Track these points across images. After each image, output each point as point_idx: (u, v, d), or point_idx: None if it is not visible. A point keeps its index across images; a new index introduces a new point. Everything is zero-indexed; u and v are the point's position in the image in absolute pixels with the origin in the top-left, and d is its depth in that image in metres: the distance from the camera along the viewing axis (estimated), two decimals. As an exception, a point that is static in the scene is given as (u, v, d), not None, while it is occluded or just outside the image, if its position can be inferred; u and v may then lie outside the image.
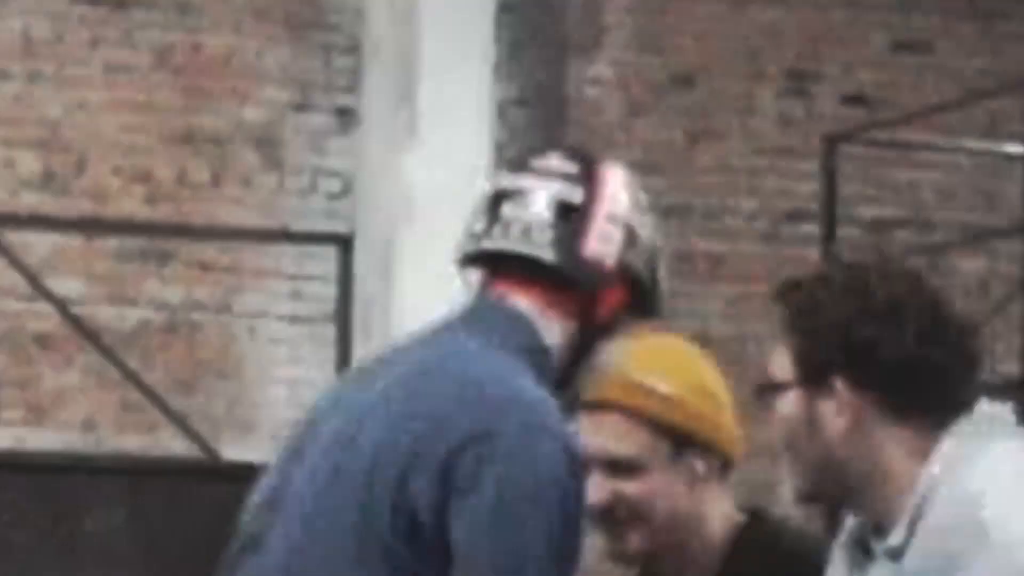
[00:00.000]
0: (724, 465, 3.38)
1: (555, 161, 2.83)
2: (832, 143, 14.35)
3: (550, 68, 15.86)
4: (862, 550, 2.86)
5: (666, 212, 14.37)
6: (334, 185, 15.63)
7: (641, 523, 3.18)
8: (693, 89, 16.17)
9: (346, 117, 15.81)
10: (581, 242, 2.64)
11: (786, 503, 4.47)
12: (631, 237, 2.73)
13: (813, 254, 14.28)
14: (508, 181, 2.77)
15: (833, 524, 3.93)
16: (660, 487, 3.20)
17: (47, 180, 15.02)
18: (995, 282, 14.32)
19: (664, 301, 2.87)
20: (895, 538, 2.65)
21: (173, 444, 13.87)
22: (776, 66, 16.17)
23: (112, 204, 14.98)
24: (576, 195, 2.63)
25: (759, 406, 2.76)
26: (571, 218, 2.75)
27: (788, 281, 2.82)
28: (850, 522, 2.96)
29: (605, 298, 2.70)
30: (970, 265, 14.58)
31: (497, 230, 2.72)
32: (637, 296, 2.79)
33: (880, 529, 2.73)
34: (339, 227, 15.06)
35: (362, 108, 15.58)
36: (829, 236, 14.08)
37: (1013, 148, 14.29)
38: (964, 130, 15.22)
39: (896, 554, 2.65)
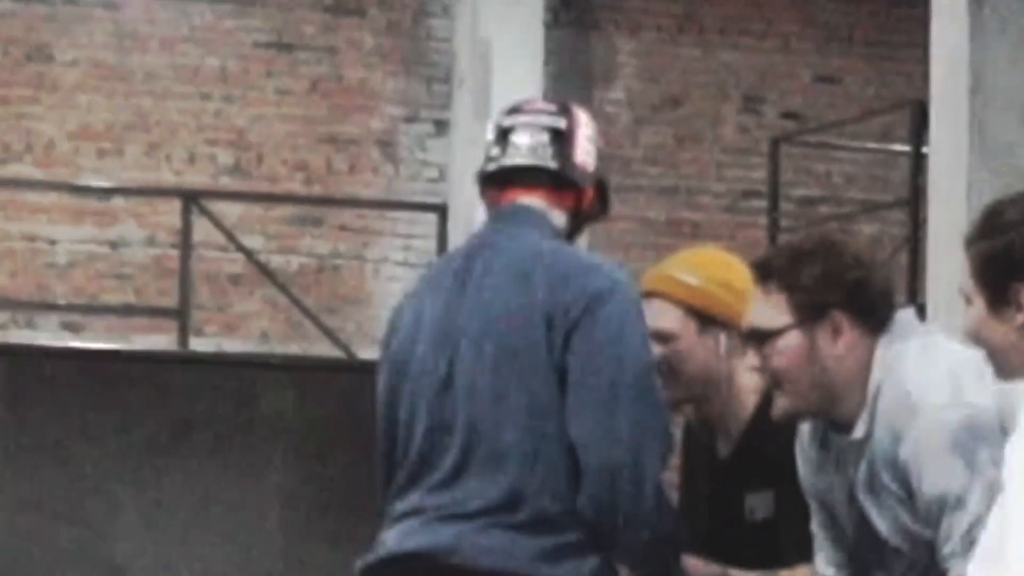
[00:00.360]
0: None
1: (539, 104, 4.06)
2: (776, 144, 17.95)
3: (581, 92, 18.92)
4: (820, 447, 3.94)
5: (660, 191, 19.42)
6: (433, 173, 19.08)
7: (675, 377, 4.36)
8: (679, 108, 19.99)
9: (441, 126, 19.19)
10: (572, 153, 3.64)
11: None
12: (597, 152, 3.85)
13: (762, 221, 18.34)
14: (510, 120, 3.78)
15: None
16: (688, 352, 4.42)
17: (237, 168, 18.51)
18: (886, 240, 17.79)
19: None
20: (859, 431, 3.64)
21: (323, 349, 17.26)
22: (736, 92, 19.99)
23: (282, 184, 18.63)
24: (560, 123, 3.65)
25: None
26: (561, 139, 3.75)
27: (771, 254, 4.09)
28: (805, 428, 4.07)
29: (587, 194, 3.76)
30: (868, 229, 18.37)
31: (511, 152, 3.74)
32: (601, 193, 3.88)
33: (844, 427, 3.76)
34: (437, 201, 18.79)
35: (452, 120, 19.19)
36: (773, 209, 17.69)
37: (898, 148, 17.71)
38: (865, 135, 18.86)
39: (861, 443, 3.66)
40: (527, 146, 3.78)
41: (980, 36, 13.51)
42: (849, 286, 3.74)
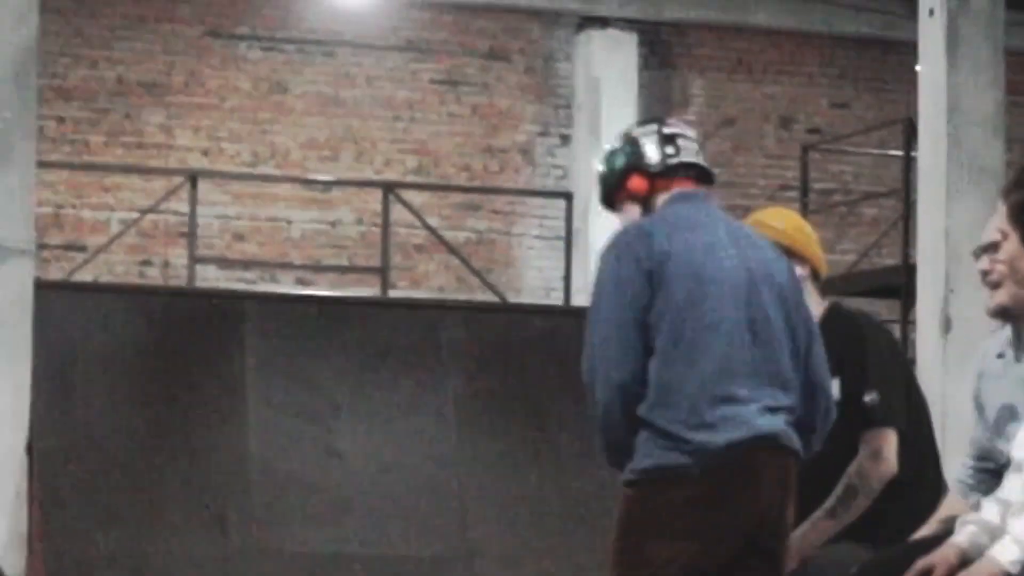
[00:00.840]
0: (815, 274, 6.00)
1: (681, 120, 5.84)
2: (804, 152, 21.89)
3: (663, 115, 21.20)
4: (1004, 360, 4.75)
5: (720, 186, 21.67)
6: (559, 172, 22.81)
7: None
8: (734, 126, 23.72)
9: (565, 139, 22.91)
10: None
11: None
12: None
13: (795, 206, 20.71)
14: (669, 129, 4.83)
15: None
16: None
17: (420, 169, 22.05)
18: (883, 220, 21.35)
19: None
20: None
21: (483, 296, 20.55)
22: (774, 114, 23.76)
23: (452, 180, 22.30)
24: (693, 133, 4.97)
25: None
26: (702, 146, 5.25)
27: (1011, 180, 4.79)
28: (991, 346, 4.99)
29: None
30: (870, 211, 22.27)
31: (687, 152, 4.80)
32: None
33: None
34: (564, 191, 22.31)
35: (573, 135, 22.99)
36: (804, 196, 21.45)
37: (893, 153, 21.03)
38: (868, 145, 22.67)
39: None
40: (694, 150, 4.90)
41: (954, 71, 16.00)
42: None
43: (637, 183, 5.17)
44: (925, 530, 5.37)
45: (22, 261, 14.47)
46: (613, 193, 5.38)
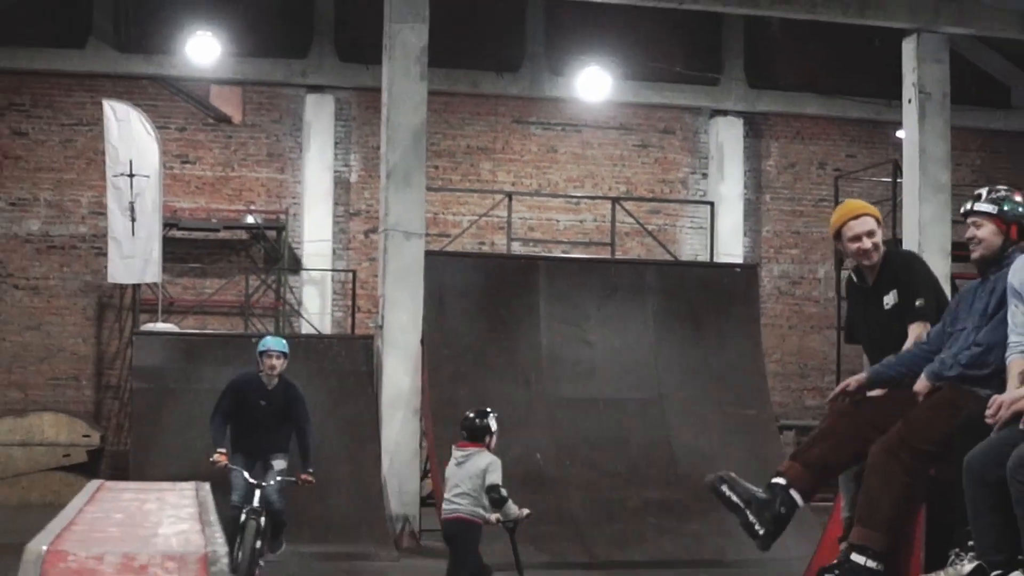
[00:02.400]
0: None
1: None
2: (836, 180, 25.37)
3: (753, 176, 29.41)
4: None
5: (784, 200, 27.30)
6: (702, 194, 26.89)
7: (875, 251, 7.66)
8: (795, 170, 27.26)
9: (705, 176, 27.11)
10: None
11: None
12: None
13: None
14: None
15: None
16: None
17: (627, 192, 25.81)
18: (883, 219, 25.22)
19: None
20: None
21: (664, 257, 23.52)
22: (816, 160, 27.80)
23: (646, 196, 26.24)
24: None
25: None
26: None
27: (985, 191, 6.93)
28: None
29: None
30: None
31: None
32: None
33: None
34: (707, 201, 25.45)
35: (710, 173, 26.99)
36: (835, 204, 26.12)
37: (886, 180, 24.51)
38: (870, 176, 26.02)
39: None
40: None
41: (922, 133, 20.25)
42: None
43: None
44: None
45: (418, 241, 18.76)
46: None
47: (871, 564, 6.89)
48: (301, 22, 24.88)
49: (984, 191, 7.17)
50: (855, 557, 6.93)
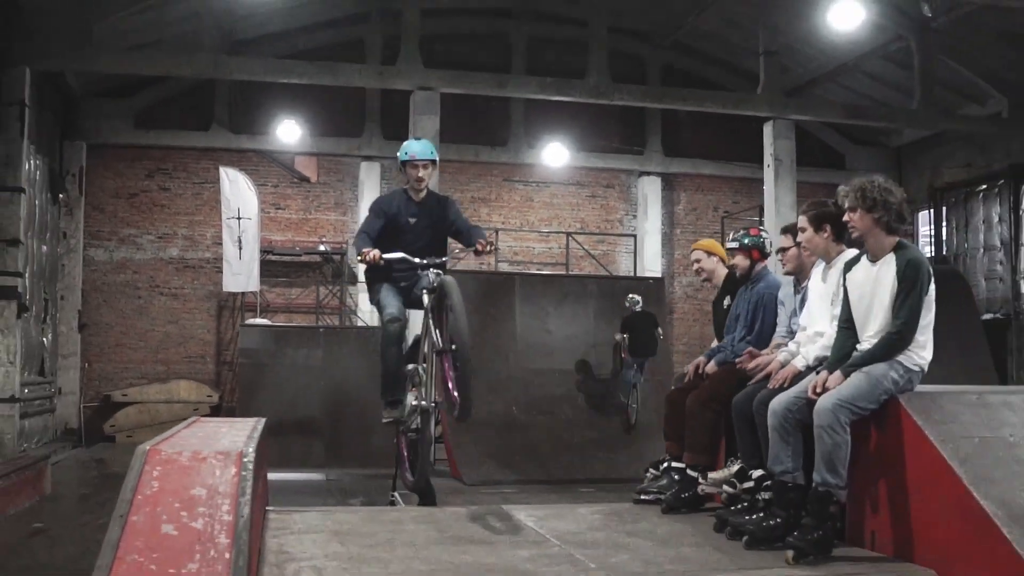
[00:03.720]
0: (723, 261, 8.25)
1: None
2: (722, 220, 26.75)
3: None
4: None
5: (689, 232, 27.50)
6: (632, 229, 26.63)
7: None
8: (695, 212, 27.88)
9: (634, 217, 26.59)
10: None
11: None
12: None
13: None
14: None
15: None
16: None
17: (581, 228, 26.20)
18: None
19: None
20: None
21: (599, 271, 24.93)
22: (711, 206, 27.26)
23: (594, 231, 26.80)
24: None
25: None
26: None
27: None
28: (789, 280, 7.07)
29: None
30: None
31: None
32: None
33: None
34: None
35: (638, 215, 26.57)
36: (723, 237, 26.93)
37: (755, 218, 24.63)
38: (747, 215, 25.28)
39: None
40: None
41: (778, 187, 20.72)
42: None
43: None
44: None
45: None
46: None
47: (693, 474, 7.44)
48: (357, 113, 24.82)
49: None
50: (689, 472, 7.47)
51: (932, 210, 26.25)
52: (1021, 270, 23.59)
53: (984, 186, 24.71)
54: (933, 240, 26.22)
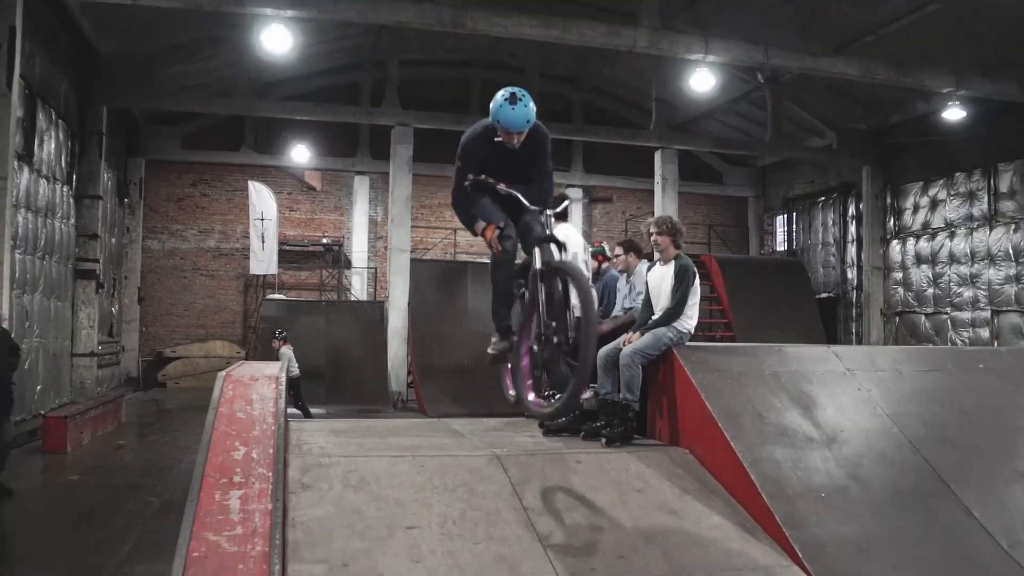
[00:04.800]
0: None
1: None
2: (626, 223, 29.42)
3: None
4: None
5: (608, 236, 31.20)
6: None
7: None
8: (607, 216, 31.00)
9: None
10: None
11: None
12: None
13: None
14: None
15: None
16: None
17: None
18: None
19: None
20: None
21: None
22: (620, 211, 28.33)
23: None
24: None
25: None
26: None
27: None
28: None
29: None
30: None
31: None
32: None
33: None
34: None
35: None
36: (625, 235, 28.45)
37: None
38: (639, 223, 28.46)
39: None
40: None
41: (664, 198, 21.67)
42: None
43: None
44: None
45: (407, 254, 19.95)
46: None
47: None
48: (352, 138, 25.57)
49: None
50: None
51: (786, 215, 28.48)
52: (847, 261, 25.75)
53: (823, 198, 26.94)
54: (787, 238, 28.39)
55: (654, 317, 7.72)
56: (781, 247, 28.56)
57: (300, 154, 24.73)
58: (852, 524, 6.00)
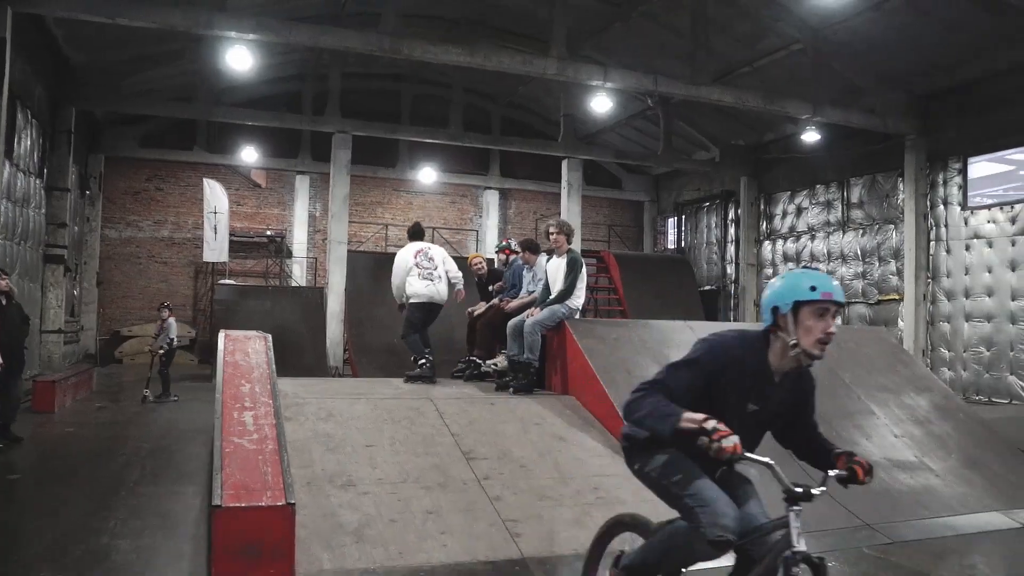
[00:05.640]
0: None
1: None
2: (536, 222, 30.35)
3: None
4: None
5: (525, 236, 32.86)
6: (475, 225, 31.62)
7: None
8: (524, 217, 32.19)
9: (484, 221, 31.07)
10: None
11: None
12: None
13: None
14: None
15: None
16: None
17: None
18: None
19: None
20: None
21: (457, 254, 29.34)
22: (532, 211, 30.77)
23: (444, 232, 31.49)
24: None
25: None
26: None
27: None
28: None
29: None
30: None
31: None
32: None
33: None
34: None
35: (483, 224, 30.87)
36: (535, 236, 29.47)
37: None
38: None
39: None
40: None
41: (570, 200, 22.06)
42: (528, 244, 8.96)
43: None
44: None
45: (344, 246, 20.59)
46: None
47: (480, 361, 9.62)
48: (295, 141, 26.18)
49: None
50: (478, 360, 9.65)
51: (676, 218, 30.07)
52: (727, 258, 27.44)
53: (708, 203, 28.30)
54: (676, 238, 30.06)
55: (551, 297, 9.21)
56: (672, 245, 29.63)
57: (248, 155, 25.02)
58: (691, 447, 7.71)
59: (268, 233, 27.10)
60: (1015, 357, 17.26)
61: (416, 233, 9.81)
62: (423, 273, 9.51)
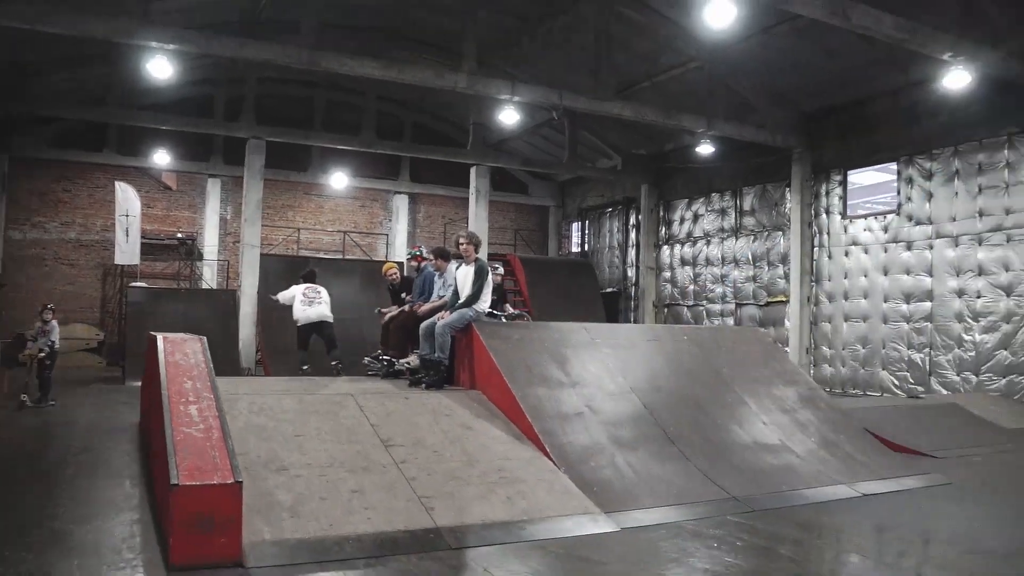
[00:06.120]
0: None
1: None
2: (444, 228, 31.77)
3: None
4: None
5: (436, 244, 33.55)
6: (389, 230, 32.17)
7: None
8: (437, 223, 32.83)
9: (394, 224, 31.69)
10: None
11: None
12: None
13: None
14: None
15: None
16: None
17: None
18: None
19: None
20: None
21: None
22: (444, 218, 31.83)
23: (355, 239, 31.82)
24: None
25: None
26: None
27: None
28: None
29: None
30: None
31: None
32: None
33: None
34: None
35: (392, 229, 31.05)
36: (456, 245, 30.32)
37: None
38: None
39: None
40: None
41: (477, 205, 22.85)
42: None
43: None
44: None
45: (257, 249, 21.47)
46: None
47: (394, 360, 10.38)
48: (207, 145, 26.22)
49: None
50: (391, 359, 10.44)
51: (580, 223, 31.24)
52: (628, 262, 28.67)
53: (610, 209, 29.50)
54: (580, 241, 31.24)
55: (460, 301, 10.04)
56: (576, 249, 30.41)
57: (160, 157, 25.35)
58: (583, 435, 8.85)
59: (179, 236, 27.28)
60: (886, 354, 18.50)
61: (308, 276, 12.77)
62: (306, 301, 12.29)
